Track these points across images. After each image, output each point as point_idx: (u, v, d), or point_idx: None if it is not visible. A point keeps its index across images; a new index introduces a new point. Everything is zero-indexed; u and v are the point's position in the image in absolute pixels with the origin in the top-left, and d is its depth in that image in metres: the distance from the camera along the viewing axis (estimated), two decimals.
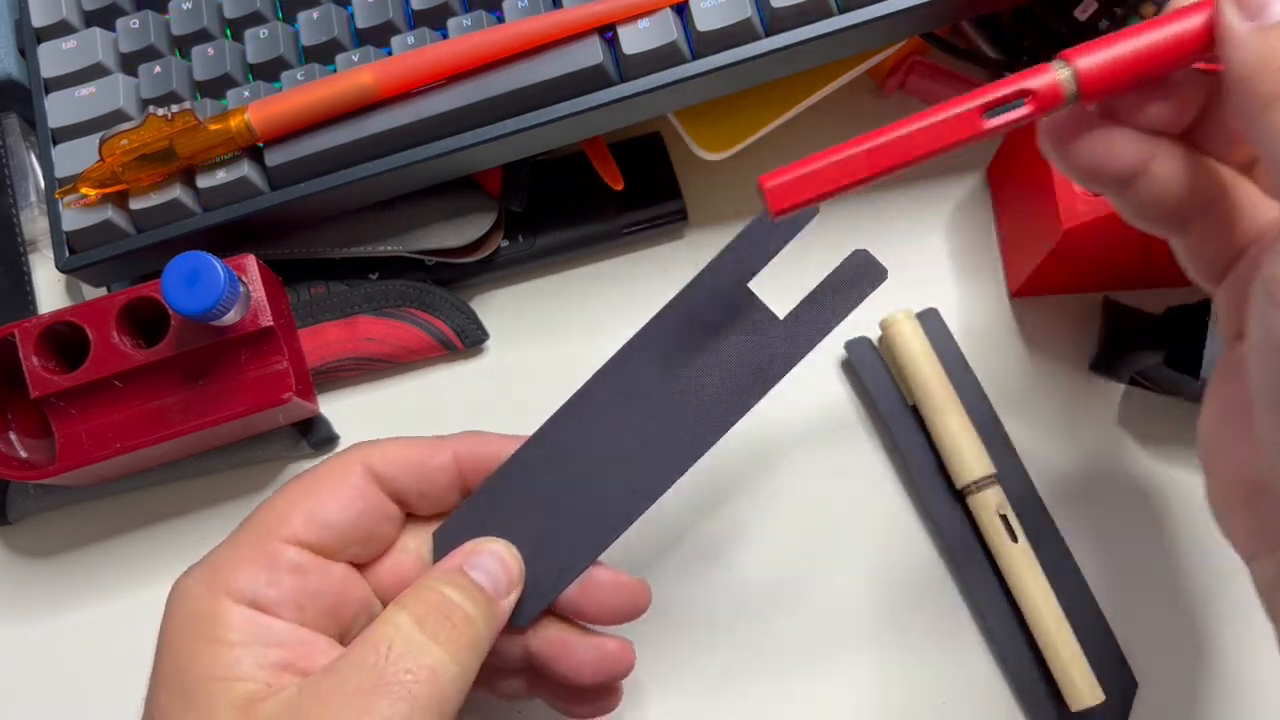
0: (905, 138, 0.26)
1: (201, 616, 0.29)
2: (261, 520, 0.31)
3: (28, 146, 0.46)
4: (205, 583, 0.29)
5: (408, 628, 0.28)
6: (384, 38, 0.41)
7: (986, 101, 0.25)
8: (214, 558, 0.30)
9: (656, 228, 0.45)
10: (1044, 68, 0.25)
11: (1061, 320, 0.43)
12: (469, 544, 0.31)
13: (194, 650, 0.28)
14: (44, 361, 0.38)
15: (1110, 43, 0.25)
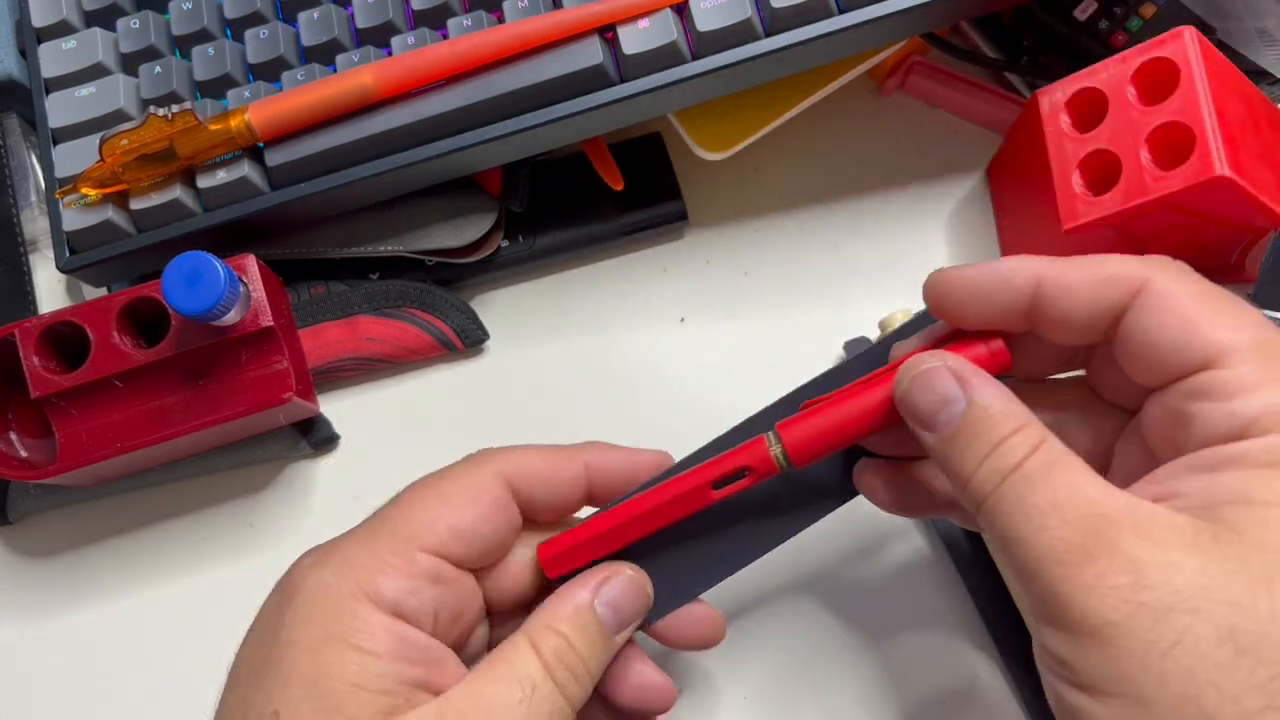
0: (648, 513, 0.31)
1: (345, 619, 0.28)
2: (403, 525, 0.30)
3: (28, 146, 0.46)
4: (346, 581, 0.28)
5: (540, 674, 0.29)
6: (384, 38, 0.41)
7: (715, 478, 0.31)
8: (350, 554, 0.29)
9: (656, 228, 0.45)
10: (760, 441, 0.31)
11: None
12: (604, 568, 0.31)
13: (337, 654, 0.28)
14: (44, 361, 0.38)
15: (816, 416, 0.30)
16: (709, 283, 0.44)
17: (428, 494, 0.31)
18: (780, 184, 0.46)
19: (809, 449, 0.30)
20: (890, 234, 0.45)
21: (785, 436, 0.30)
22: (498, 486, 0.31)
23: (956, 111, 0.46)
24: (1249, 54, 0.42)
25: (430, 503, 0.30)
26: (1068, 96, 0.38)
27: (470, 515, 0.30)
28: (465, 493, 0.31)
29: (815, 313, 0.44)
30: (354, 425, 0.44)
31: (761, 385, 0.43)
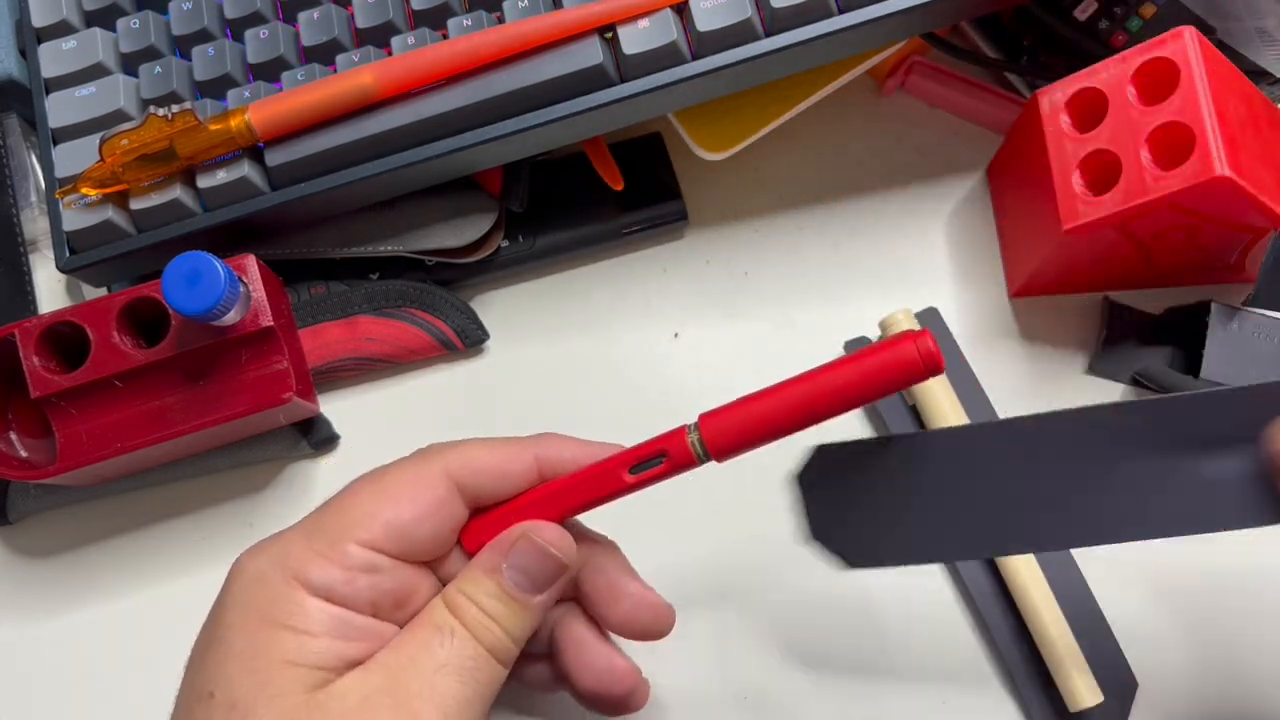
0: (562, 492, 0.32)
1: (279, 603, 0.29)
2: (338, 520, 0.30)
3: (28, 146, 0.46)
4: (279, 570, 0.29)
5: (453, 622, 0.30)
6: (384, 38, 0.41)
7: (631, 460, 0.31)
8: (286, 546, 0.30)
9: (656, 228, 0.45)
10: (681, 432, 0.30)
11: (1061, 320, 0.43)
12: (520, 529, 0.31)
13: (271, 635, 0.29)
14: (44, 361, 0.38)
15: (738, 408, 0.30)
16: (709, 283, 0.44)
17: (370, 488, 0.31)
18: (780, 184, 0.46)
19: (727, 441, 0.30)
20: (890, 234, 0.45)
21: (704, 426, 0.30)
22: (441, 485, 0.31)
23: (956, 111, 0.46)
24: (1249, 54, 0.42)
25: (371, 497, 0.31)
26: (1068, 96, 0.38)
27: (409, 513, 0.31)
28: (407, 490, 0.31)
29: (815, 312, 0.44)
30: (354, 425, 0.44)
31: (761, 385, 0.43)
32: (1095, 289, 0.43)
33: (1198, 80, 0.35)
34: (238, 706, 0.28)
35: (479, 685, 0.29)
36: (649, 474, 0.31)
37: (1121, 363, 0.42)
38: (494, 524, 0.32)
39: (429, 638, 0.29)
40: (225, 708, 0.28)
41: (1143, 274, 0.42)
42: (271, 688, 0.28)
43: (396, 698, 0.28)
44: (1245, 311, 0.39)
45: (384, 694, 0.28)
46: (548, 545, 0.31)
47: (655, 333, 0.44)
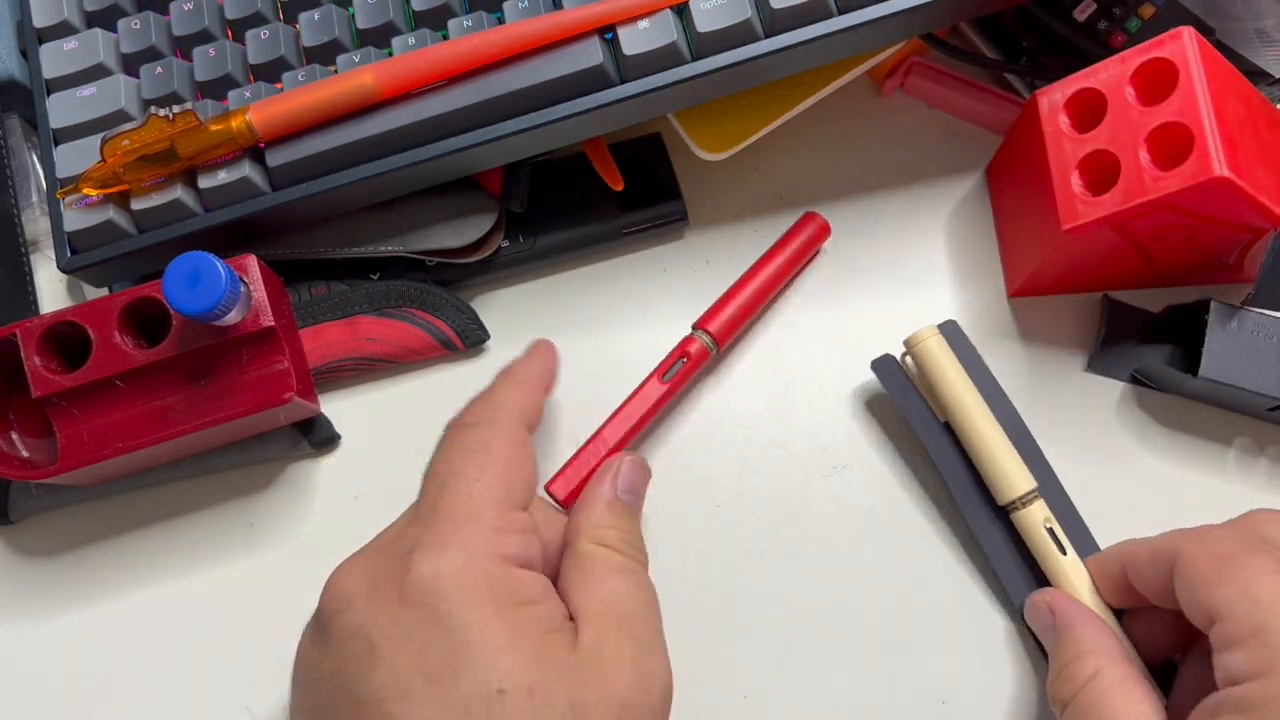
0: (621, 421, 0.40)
1: (502, 583, 0.30)
2: (488, 493, 0.32)
3: (29, 147, 0.46)
4: (476, 557, 0.30)
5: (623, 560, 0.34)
6: (385, 39, 0.41)
7: (661, 372, 0.41)
8: (464, 534, 0.31)
9: (656, 228, 0.45)
10: (688, 339, 0.41)
11: (1061, 320, 0.43)
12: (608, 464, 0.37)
13: (519, 613, 0.30)
14: (46, 361, 0.38)
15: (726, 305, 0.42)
16: (709, 283, 0.44)
17: (482, 458, 0.33)
18: (780, 184, 0.46)
19: (727, 330, 0.42)
20: (890, 234, 0.45)
21: (703, 325, 0.42)
22: (525, 433, 0.35)
23: (956, 112, 0.46)
24: (1248, 54, 0.42)
25: (493, 466, 0.33)
26: (1067, 97, 0.38)
27: (528, 469, 0.34)
28: (514, 450, 0.34)
29: (815, 312, 0.44)
30: (354, 425, 0.44)
31: (760, 385, 0.43)
32: (1094, 289, 0.43)
33: (1196, 81, 0.35)
34: (536, 690, 0.28)
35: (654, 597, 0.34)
36: (679, 375, 0.41)
37: (1121, 361, 0.42)
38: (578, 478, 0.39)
39: (621, 583, 0.33)
40: (524, 694, 0.28)
41: (1142, 274, 0.42)
42: (547, 661, 0.29)
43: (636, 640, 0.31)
44: (1245, 310, 0.39)
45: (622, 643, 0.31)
46: (638, 460, 0.38)
47: (655, 333, 0.44)
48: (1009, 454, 0.39)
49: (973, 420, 0.39)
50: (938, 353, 0.40)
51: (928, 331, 0.40)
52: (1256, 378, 0.39)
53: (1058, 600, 0.36)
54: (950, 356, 0.40)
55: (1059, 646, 0.35)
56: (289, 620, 0.41)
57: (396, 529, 0.33)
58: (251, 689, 0.40)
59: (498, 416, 0.35)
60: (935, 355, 0.40)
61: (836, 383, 0.43)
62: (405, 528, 0.32)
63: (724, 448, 0.43)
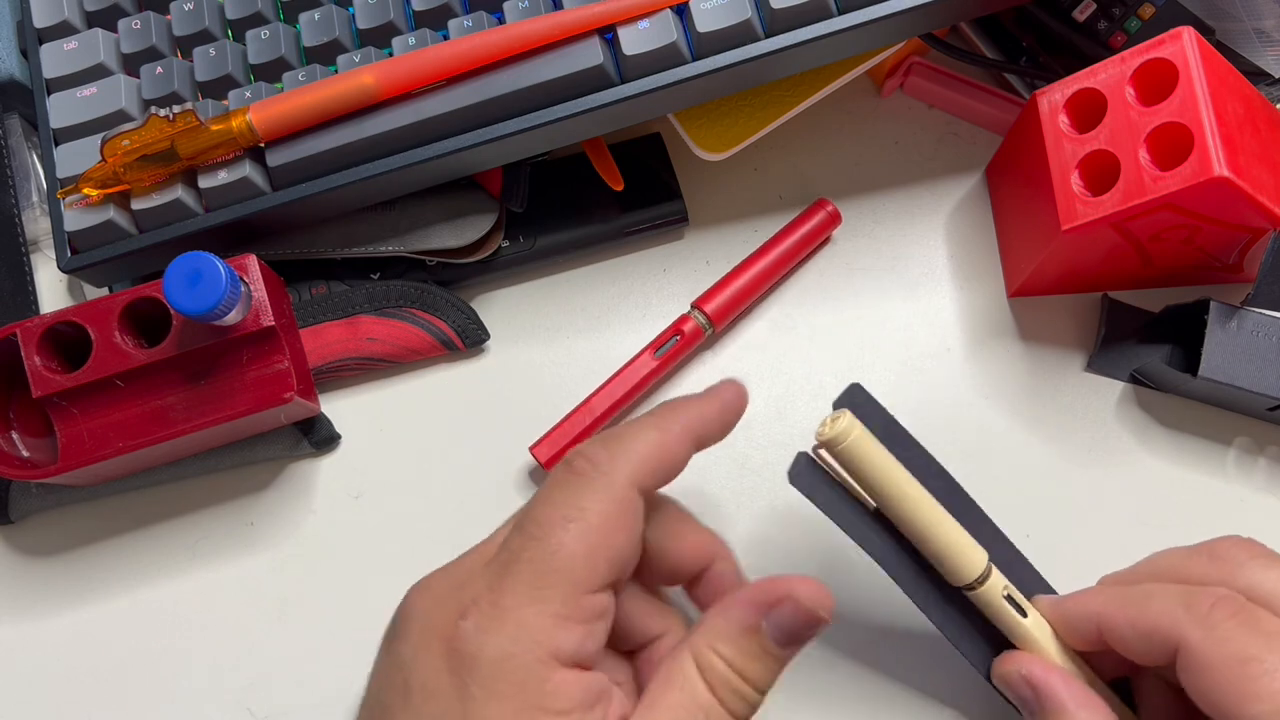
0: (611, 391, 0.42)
1: (534, 686, 0.27)
2: (564, 568, 0.28)
3: (30, 147, 0.46)
4: (528, 648, 0.28)
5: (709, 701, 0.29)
6: (385, 39, 0.41)
7: (654, 348, 0.42)
8: (521, 616, 0.28)
9: (656, 228, 0.45)
10: (686, 318, 0.43)
11: (1060, 320, 0.44)
12: (776, 586, 0.30)
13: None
14: (46, 361, 0.38)
15: (725, 288, 0.43)
16: (709, 282, 0.44)
17: (573, 527, 0.29)
18: (780, 184, 0.46)
19: (723, 311, 0.43)
20: (890, 234, 0.45)
21: (704, 307, 0.42)
22: (636, 498, 0.30)
23: (956, 112, 0.46)
24: (1248, 55, 0.42)
25: (581, 538, 0.29)
26: (1067, 97, 0.39)
27: (625, 543, 0.29)
28: (612, 519, 0.29)
29: (814, 313, 0.44)
30: (354, 425, 0.44)
31: (761, 385, 0.43)
32: (1094, 289, 0.43)
33: (1196, 81, 0.35)
34: None
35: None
36: (671, 351, 0.42)
37: (1120, 361, 0.42)
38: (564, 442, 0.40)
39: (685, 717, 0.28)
40: None
41: (1141, 274, 0.42)
42: None
43: None
44: (1244, 310, 0.39)
45: None
46: (817, 605, 0.29)
47: (655, 333, 0.44)
48: (957, 534, 0.34)
49: (913, 508, 0.34)
50: (863, 444, 0.33)
51: (845, 424, 0.33)
52: (1256, 377, 0.39)
53: (1035, 674, 0.33)
54: (875, 444, 0.33)
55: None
56: (289, 620, 0.41)
57: (475, 561, 0.30)
58: (251, 689, 0.40)
59: (609, 471, 0.30)
60: (860, 448, 0.33)
61: (836, 383, 0.43)
62: (480, 568, 0.30)
63: (723, 447, 0.42)
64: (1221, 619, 0.30)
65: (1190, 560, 0.33)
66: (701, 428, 0.32)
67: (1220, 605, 0.30)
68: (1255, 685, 0.28)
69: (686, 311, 0.43)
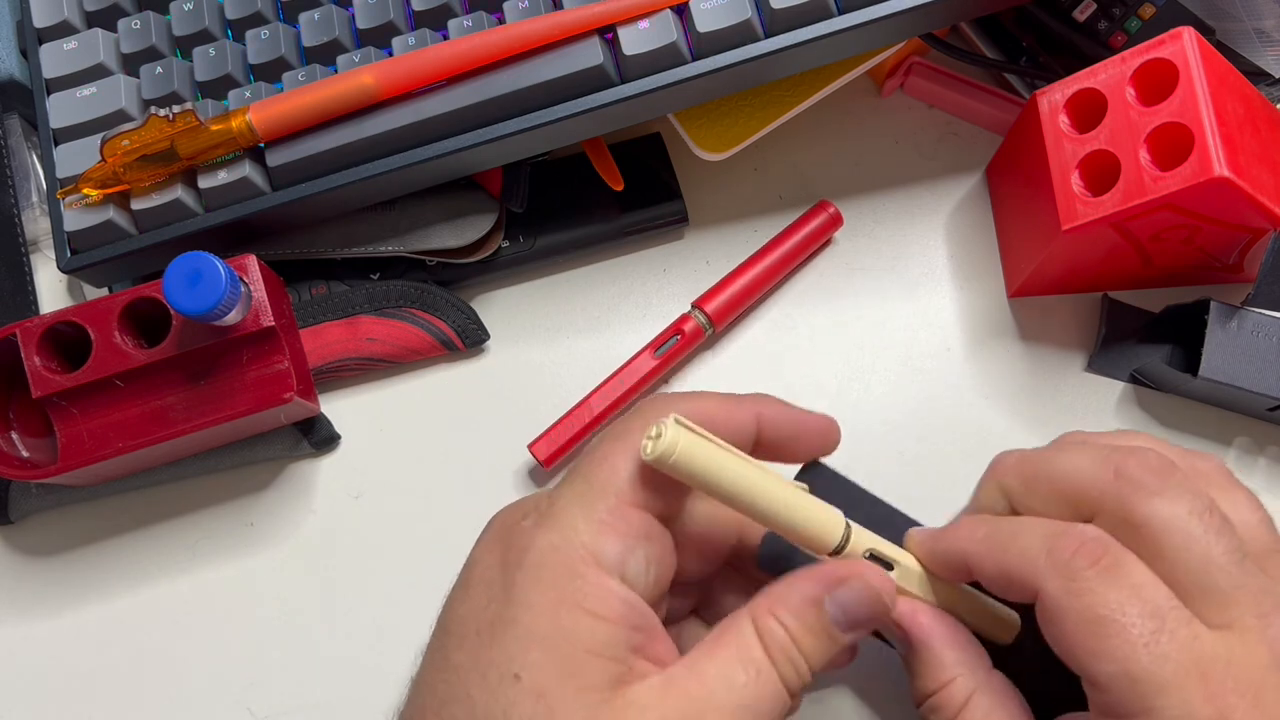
0: (610, 389, 0.42)
1: (576, 581, 0.28)
2: (610, 481, 0.29)
3: (29, 147, 0.46)
4: (573, 544, 0.28)
5: (763, 659, 0.29)
6: (385, 38, 0.41)
7: (655, 347, 0.42)
8: (566, 513, 0.29)
9: (656, 228, 0.45)
10: (686, 318, 0.43)
11: (1060, 320, 0.43)
12: (845, 567, 0.30)
13: (573, 618, 0.28)
14: (46, 361, 0.38)
15: (725, 288, 0.43)
16: (709, 283, 0.44)
17: (623, 448, 0.30)
18: (780, 184, 0.46)
19: (725, 313, 0.43)
20: (890, 234, 0.45)
21: (705, 307, 0.43)
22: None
23: (956, 112, 0.46)
24: (1248, 55, 0.42)
25: (625, 454, 0.30)
26: (1067, 97, 0.39)
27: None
28: None
29: (814, 313, 0.44)
30: (354, 425, 0.44)
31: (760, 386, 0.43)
32: (1094, 289, 0.43)
33: (1196, 81, 0.35)
34: (545, 696, 0.27)
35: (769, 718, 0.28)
36: (671, 350, 0.42)
37: (1120, 361, 0.42)
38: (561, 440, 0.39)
39: (733, 671, 0.28)
40: (533, 695, 0.27)
41: (1142, 274, 0.42)
42: (578, 679, 0.27)
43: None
44: (1244, 310, 0.39)
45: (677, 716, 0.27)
46: (880, 591, 0.30)
47: (655, 333, 0.44)
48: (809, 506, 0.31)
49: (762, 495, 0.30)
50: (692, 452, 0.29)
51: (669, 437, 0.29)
52: (1256, 378, 0.39)
53: (902, 613, 0.32)
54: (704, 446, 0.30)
55: (920, 668, 0.31)
56: (289, 620, 0.41)
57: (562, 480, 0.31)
58: (251, 689, 0.40)
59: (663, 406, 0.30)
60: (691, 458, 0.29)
61: (836, 383, 0.43)
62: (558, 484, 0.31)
63: None
64: (1082, 568, 0.28)
65: (1096, 469, 0.29)
66: (773, 419, 0.32)
67: (1083, 552, 0.28)
68: (1106, 644, 0.27)
69: (687, 311, 0.43)
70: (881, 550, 0.32)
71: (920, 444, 0.42)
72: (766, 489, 0.31)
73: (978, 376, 0.43)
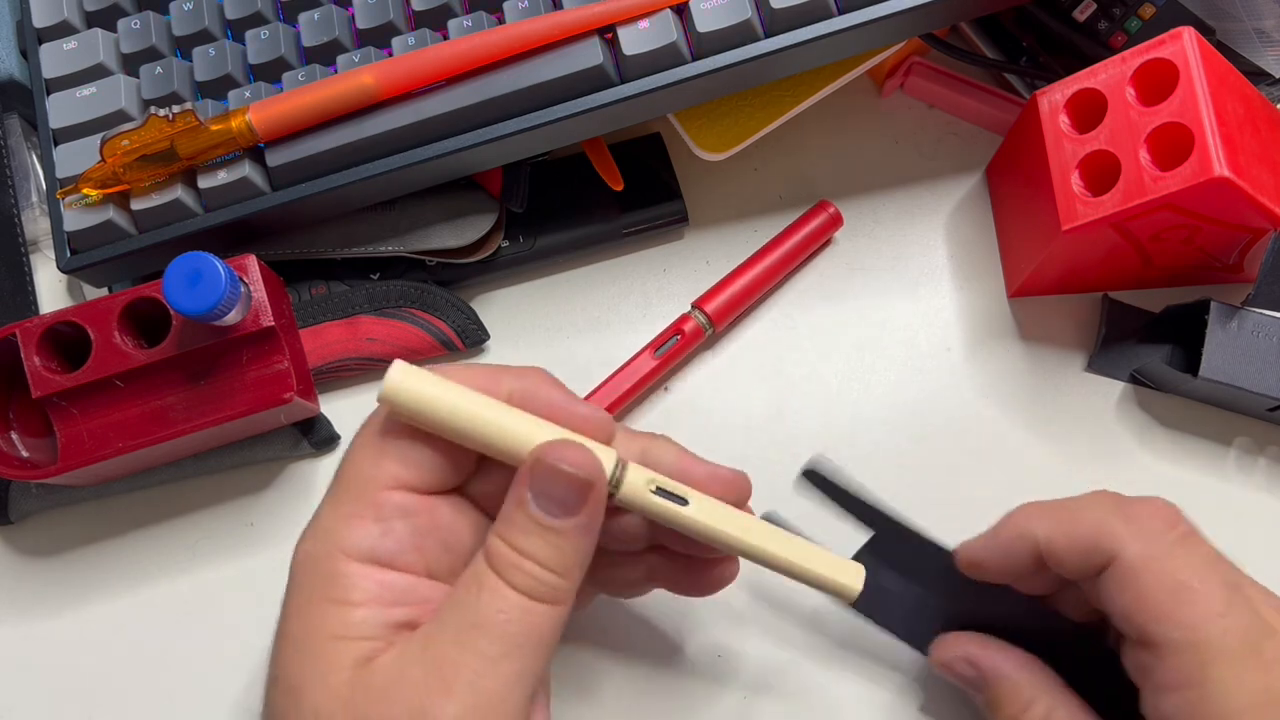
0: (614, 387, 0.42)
1: (323, 578, 0.29)
2: (356, 473, 0.30)
3: (29, 147, 0.46)
4: (321, 544, 0.29)
5: (506, 590, 0.28)
6: (385, 38, 0.41)
7: (655, 347, 0.42)
8: (320, 519, 0.30)
9: (656, 228, 0.45)
10: (686, 318, 0.43)
11: (1060, 320, 0.43)
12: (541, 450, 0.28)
13: (319, 611, 0.28)
14: (46, 361, 0.38)
15: (726, 288, 0.43)
16: (709, 282, 0.44)
17: (367, 436, 0.30)
18: (780, 184, 0.46)
19: (724, 312, 0.43)
20: (890, 234, 0.45)
21: (705, 307, 0.42)
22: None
23: (956, 112, 0.46)
24: (1248, 55, 0.42)
25: (375, 442, 0.30)
26: (1067, 97, 0.39)
27: (415, 437, 0.29)
28: (393, 423, 0.30)
29: (814, 313, 0.44)
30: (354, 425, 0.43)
31: (760, 386, 0.43)
32: (1094, 289, 0.43)
33: (1196, 81, 0.35)
34: (293, 689, 0.28)
35: (516, 637, 0.27)
36: (671, 351, 0.42)
37: (1120, 361, 0.42)
38: None
39: (460, 595, 0.28)
40: (285, 692, 0.28)
41: (1142, 274, 0.42)
42: (320, 665, 0.28)
43: (427, 667, 0.27)
44: (1245, 310, 0.39)
45: (417, 664, 0.27)
46: (565, 464, 0.28)
47: (655, 333, 0.44)
48: (551, 434, 0.29)
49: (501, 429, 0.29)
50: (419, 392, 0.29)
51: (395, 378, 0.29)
52: (1256, 378, 0.39)
53: (973, 652, 0.33)
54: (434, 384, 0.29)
55: (1001, 699, 0.33)
56: None
57: None
58: (252, 689, 0.40)
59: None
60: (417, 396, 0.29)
61: (837, 383, 0.43)
62: None
63: (723, 448, 0.43)
64: (1162, 531, 0.30)
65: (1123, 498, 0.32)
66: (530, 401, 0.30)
67: (1161, 517, 0.30)
68: (1181, 611, 0.28)
69: (687, 311, 0.43)
70: (669, 487, 0.30)
71: (920, 444, 0.42)
72: (510, 421, 0.29)
73: (978, 376, 0.43)
